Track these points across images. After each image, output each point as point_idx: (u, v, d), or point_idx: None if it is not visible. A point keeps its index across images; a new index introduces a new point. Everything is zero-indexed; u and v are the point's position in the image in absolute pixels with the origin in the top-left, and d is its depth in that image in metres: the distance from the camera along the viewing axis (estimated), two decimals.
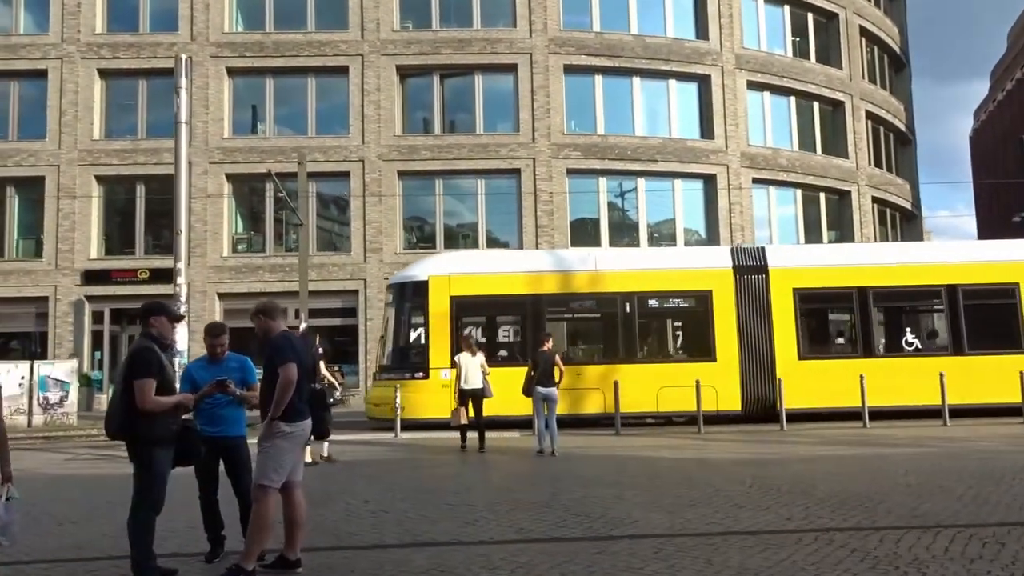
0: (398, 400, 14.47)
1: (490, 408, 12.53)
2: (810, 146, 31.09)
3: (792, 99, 30.83)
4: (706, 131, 28.85)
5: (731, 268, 16.33)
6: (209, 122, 26.41)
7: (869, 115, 33.02)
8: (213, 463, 5.89)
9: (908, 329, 17.02)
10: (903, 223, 35.92)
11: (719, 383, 15.40)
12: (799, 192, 30.50)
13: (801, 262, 16.72)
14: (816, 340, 17.22)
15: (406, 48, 27.18)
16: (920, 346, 16.80)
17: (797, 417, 15.13)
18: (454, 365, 12.86)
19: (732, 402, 15.72)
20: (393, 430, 14.60)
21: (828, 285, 16.52)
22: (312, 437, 5.69)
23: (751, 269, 16.37)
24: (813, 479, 8.80)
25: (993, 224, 49.31)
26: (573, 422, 14.87)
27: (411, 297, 16.27)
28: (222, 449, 5.91)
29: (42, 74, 26.52)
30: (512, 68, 27.40)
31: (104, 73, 26.89)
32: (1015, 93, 51.55)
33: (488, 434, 12.47)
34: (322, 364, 12.42)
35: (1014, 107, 51.52)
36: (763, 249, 17.03)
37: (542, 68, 27.33)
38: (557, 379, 12.21)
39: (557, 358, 12.32)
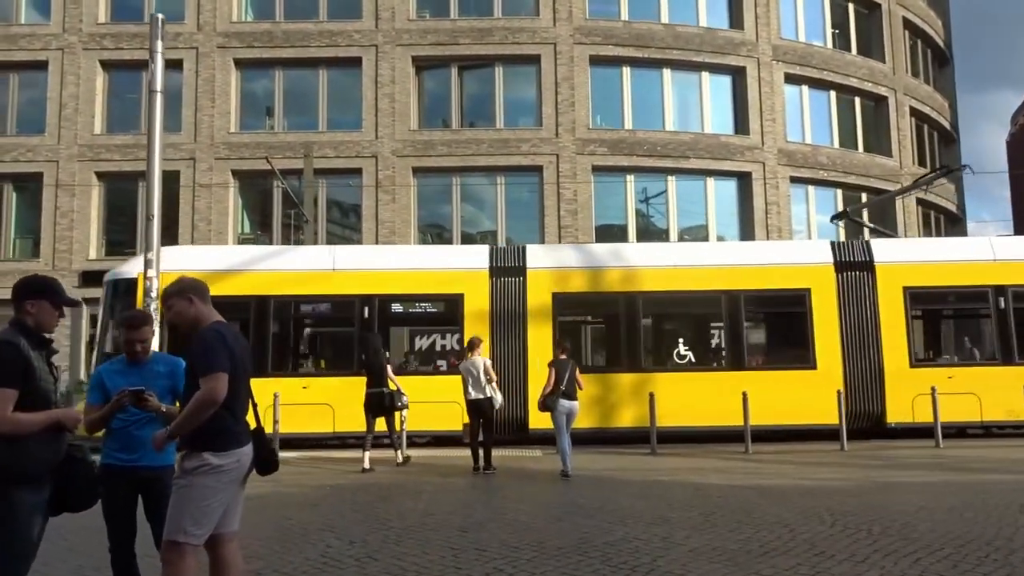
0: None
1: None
2: (851, 143, 29.23)
3: (832, 93, 29.01)
4: (741, 126, 27.10)
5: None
6: (215, 116, 25.08)
7: (913, 112, 31.10)
8: (129, 504, 4.30)
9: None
10: (947, 226, 33.85)
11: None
12: (840, 192, 28.62)
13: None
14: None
15: (422, 38, 25.71)
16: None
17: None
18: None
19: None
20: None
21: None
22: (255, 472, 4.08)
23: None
24: (906, 515, 7.06)
25: None
26: (588, 438, 13.22)
27: (122, 296, 14.09)
28: (141, 484, 4.32)
29: (42, 65, 25.34)
30: (535, 59, 25.84)
31: (107, 65, 25.66)
32: None
33: (507, 452, 10.82)
34: (389, 368, 11.40)
35: None
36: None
37: (566, 59, 25.75)
38: (580, 390, 10.74)
39: (576, 367, 10.72)
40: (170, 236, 23.92)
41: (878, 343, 14.28)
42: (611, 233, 25.41)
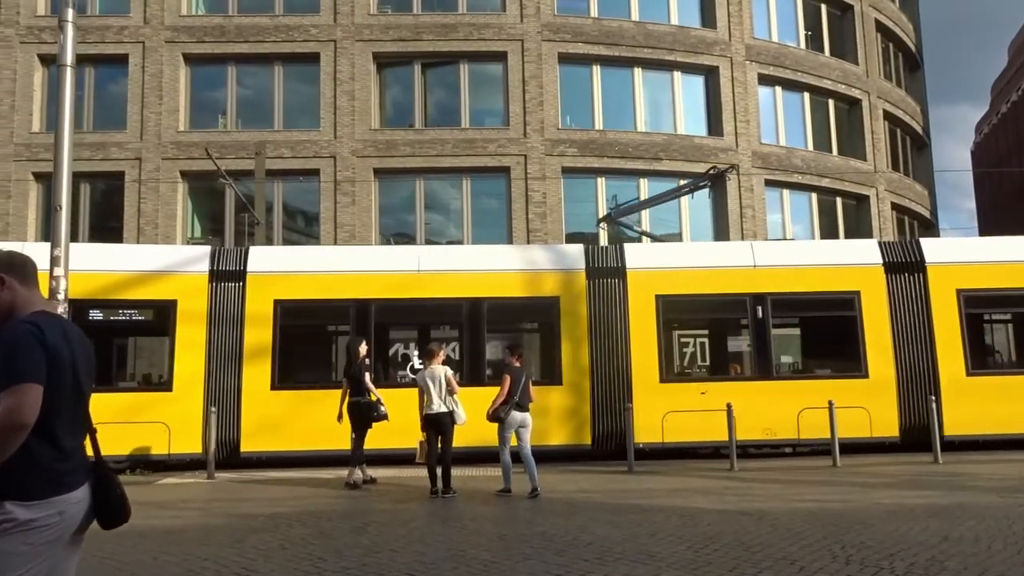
0: None
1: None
2: (825, 146, 28.59)
3: (806, 95, 28.36)
4: (714, 128, 26.30)
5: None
6: (163, 114, 23.65)
7: (887, 115, 30.60)
8: None
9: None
10: (921, 232, 33.39)
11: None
12: (815, 196, 27.95)
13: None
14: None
15: (383, 34, 24.55)
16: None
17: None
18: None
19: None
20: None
21: None
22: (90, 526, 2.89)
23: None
24: (930, 548, 6.04)
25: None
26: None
27: None
28: None
29: None
30: (501, 56, 24.81)
31: (46, 59, 24.10)
32: (1019, 106, 50.28)
33: (472, 472, 9.64)
34: (367, 376, 10.55)
35: (1018, 121, 50.33)
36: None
37: (534, 56, 24.75)
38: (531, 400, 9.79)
39: (528, 378, 9.70)
40: (114, 239, 22.45)
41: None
42: (581, 238, 24.37)
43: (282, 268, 13.02)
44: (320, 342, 14.30)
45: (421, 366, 9.68)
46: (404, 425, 10.87)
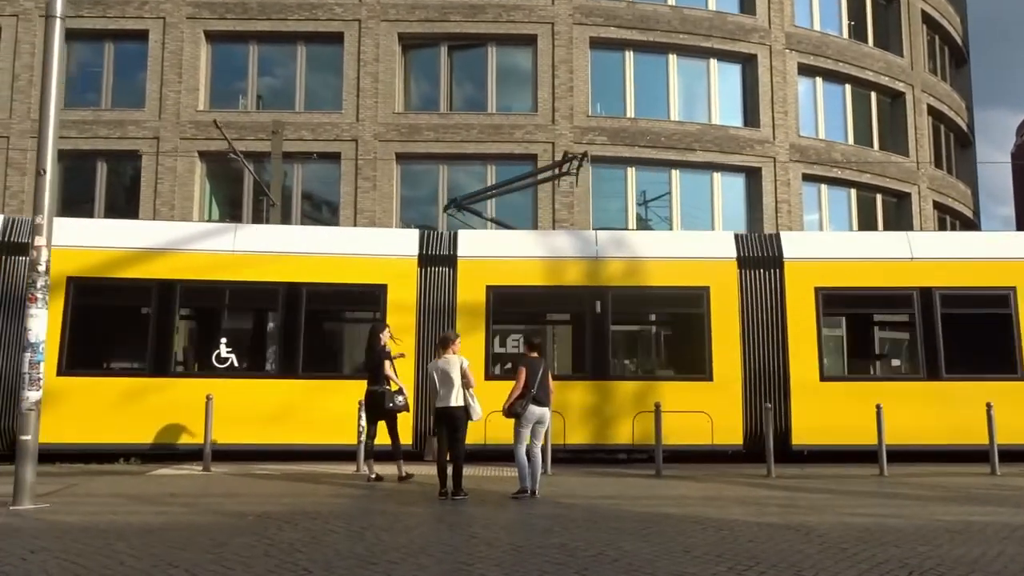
0: None
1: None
2: (866, 141, 27.40)
3: (847, 87, 27.20)
4: (751, 118, 25.25)
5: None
6: (182, 92, 23.08)
7: (931, 110, 29.34)
8: None
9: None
10: (964, 230, 32.03)
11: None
12: (854, 192, 26.80)
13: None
14: None
15: (409, 14, 23.78)
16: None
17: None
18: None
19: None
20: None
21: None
22: None
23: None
24: None
25: None
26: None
27: None
28: None
29: None
30: (531, 40, 23.95)
31: (71, 34, 23.57)
32: None
33: (480, 472, 8.82)
34: (388, 364, 9.80)
35: None
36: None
37: (565, 40, 23.85)
38: (552, 395, 9.05)
39: (546, 366, 8.94)
40: (129, 218, 21.90)
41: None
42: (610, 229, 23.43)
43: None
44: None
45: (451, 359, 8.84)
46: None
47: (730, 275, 12.40)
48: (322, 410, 11.44)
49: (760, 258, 12.57)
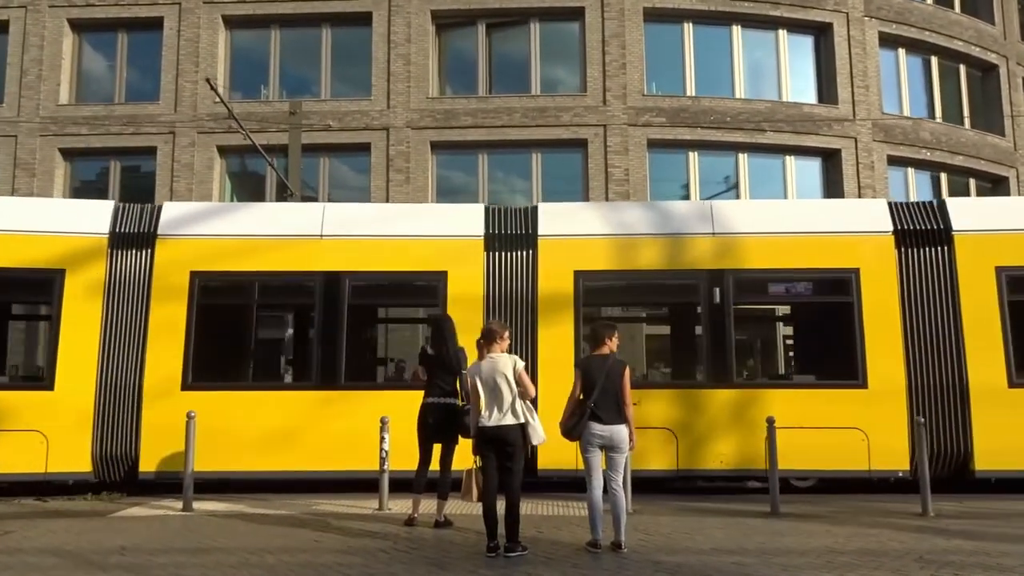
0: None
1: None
2: (956, 119, 24.40)
3: (934, 59, 24.24)
4: (827, 95, 22.48)
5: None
6: (200, 83, 21.16)
7: None
8: None
9: None
10: None
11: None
12: (945, 177, 23.81)
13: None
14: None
15: None
16: None
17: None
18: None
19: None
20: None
21: None
22: None
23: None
24: None
25: None
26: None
27: None
28: None
29: (2, 27, 21.76)
30: (578, 12, 21.57)
31: (76, 25, 21.96)
32: None
33: (542, 508, 6.36)
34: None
35: None
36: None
37: (616, 12, 21.43)
38: (628, 408, 6.32)
39: (627, 372, 6.33)
40: None
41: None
42: None
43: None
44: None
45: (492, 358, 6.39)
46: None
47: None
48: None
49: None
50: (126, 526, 7.30)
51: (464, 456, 6.90)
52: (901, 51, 23.77)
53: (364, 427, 8.91)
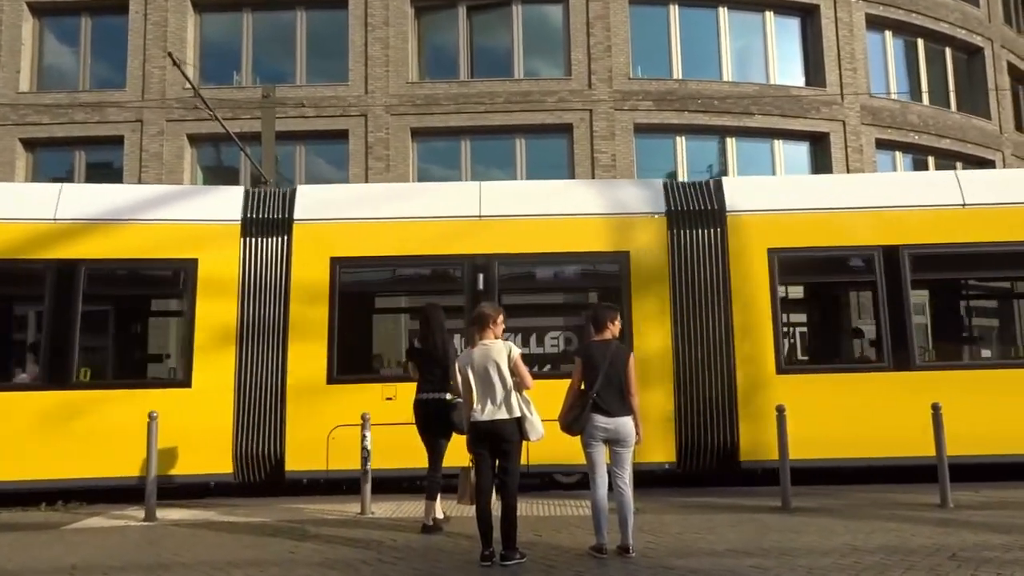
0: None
1: None
2: (943, 102, 24.07)
3: (920, 41, 23.90)
4: (815, 77, 22.05)
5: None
6: (168, 69, 20.29)
7: (1012, 69, 25.93)
8: None
9: None
10: None
11: None
12: (932, 160, 23.49)
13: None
14: None
15: None
16: None
17: None
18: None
19: None
20: None
21: None
22: None
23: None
24: None
25: None
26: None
27: None
28: None
29: None
30: None
31: (36, 9, 21.03)
32: None
33: (540, 507, 5.78)
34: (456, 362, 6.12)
35: None
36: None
37: None
38: (633, 398, 5.75)
39: (632, 359, 5.73)
40: None
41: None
42: None
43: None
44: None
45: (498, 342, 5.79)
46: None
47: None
48: None
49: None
50: (80, 539, 6.64)
51: (460, 454, 6.31)
52: (888, 33, 23.40)
53: None
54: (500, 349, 5.63)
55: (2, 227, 8.89)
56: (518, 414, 5.54)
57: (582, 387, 5.81)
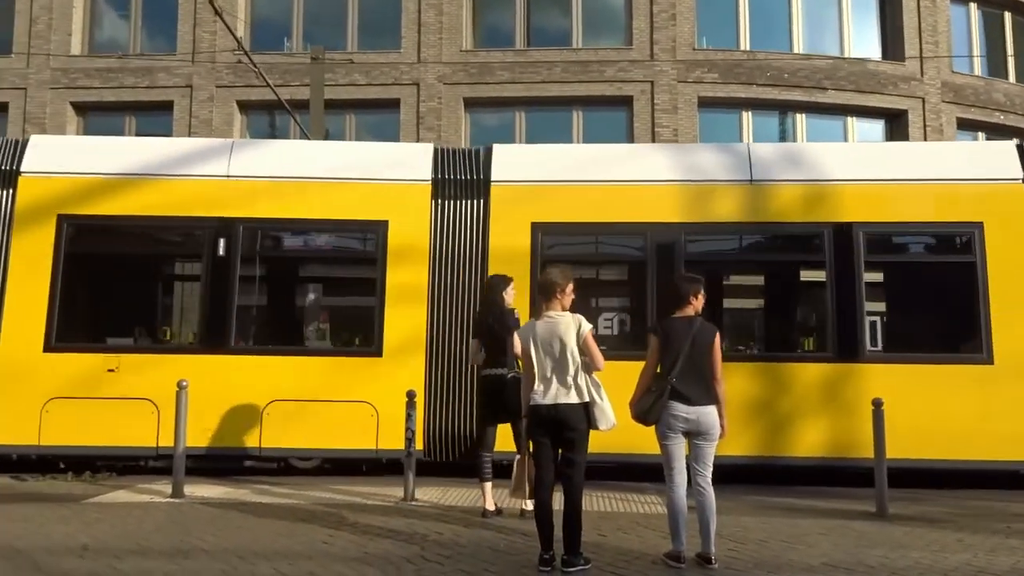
0: None
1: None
2: None
3: (1007, 14, 22.29)
4: (893, 51, 20.67)
5: None
6: (219, 33, 19.86)
7: None
8: None
9: None
10: None
11: None
12: (1015, 144, 21.89)
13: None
14: None
15: None
16: None
17: None
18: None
19: None
20: None
21: None
22: None
23: None
24: None
25: None
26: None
27: None
28: None
29: None
30: None
31: None
32: None
33: (603, 502, 5.04)
34: (516, 337, 5.35)
35: None
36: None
37: None
38: (718, 385, 4.97)
39: (718, 339, 4.93)
40: None
41: None
42: None
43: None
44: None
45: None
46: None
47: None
48: None
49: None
50: (100, 515, 6.10)
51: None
52: (972, 5, 21.86)
53: None
54: (568, 323, 4.86)
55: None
56: (587, 398, 4.79)
57: (658, 370, 5.04)
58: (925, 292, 8.84)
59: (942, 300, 8.66)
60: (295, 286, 10.30)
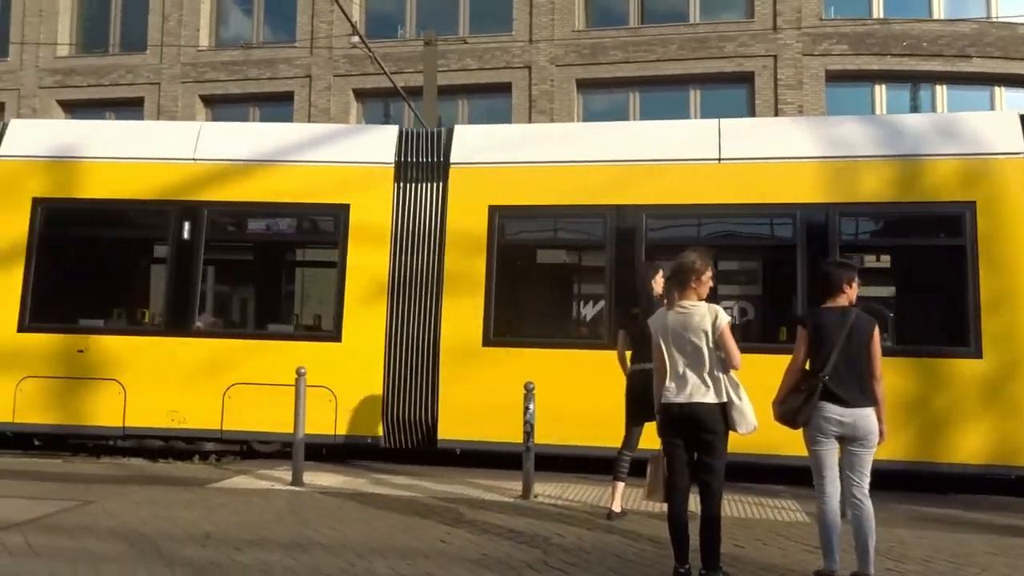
0: None
1: None
2: None
3: None
4: None
5: None
6: (335, 22, 20.20)
7: None
8: None
9: None
10: None
11: None
12: None
13: None
14: None
15: None
16: None
17: None
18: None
19: None
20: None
21: None
22: None
23: None
24: None
25: None
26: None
27: None
28: None
29: None
30: None
31: None
32: None
33: (743, 508, 4.60)
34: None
35: None
36: None
37: None
38: (877, 384, 4.44)
39: (877, 333, 4.38)
40: None
41: None
42: None
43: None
44: None
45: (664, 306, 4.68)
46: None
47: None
48: None
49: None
50: (222, 501, 6.15)
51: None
52: None
53: None
54: (703, 314, 4.44)
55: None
56: (724, 398, 4.36)
57: (807, 367, 4.55)
58: (912, 280, 8.30)
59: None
60: (258, 270, 10.39)
